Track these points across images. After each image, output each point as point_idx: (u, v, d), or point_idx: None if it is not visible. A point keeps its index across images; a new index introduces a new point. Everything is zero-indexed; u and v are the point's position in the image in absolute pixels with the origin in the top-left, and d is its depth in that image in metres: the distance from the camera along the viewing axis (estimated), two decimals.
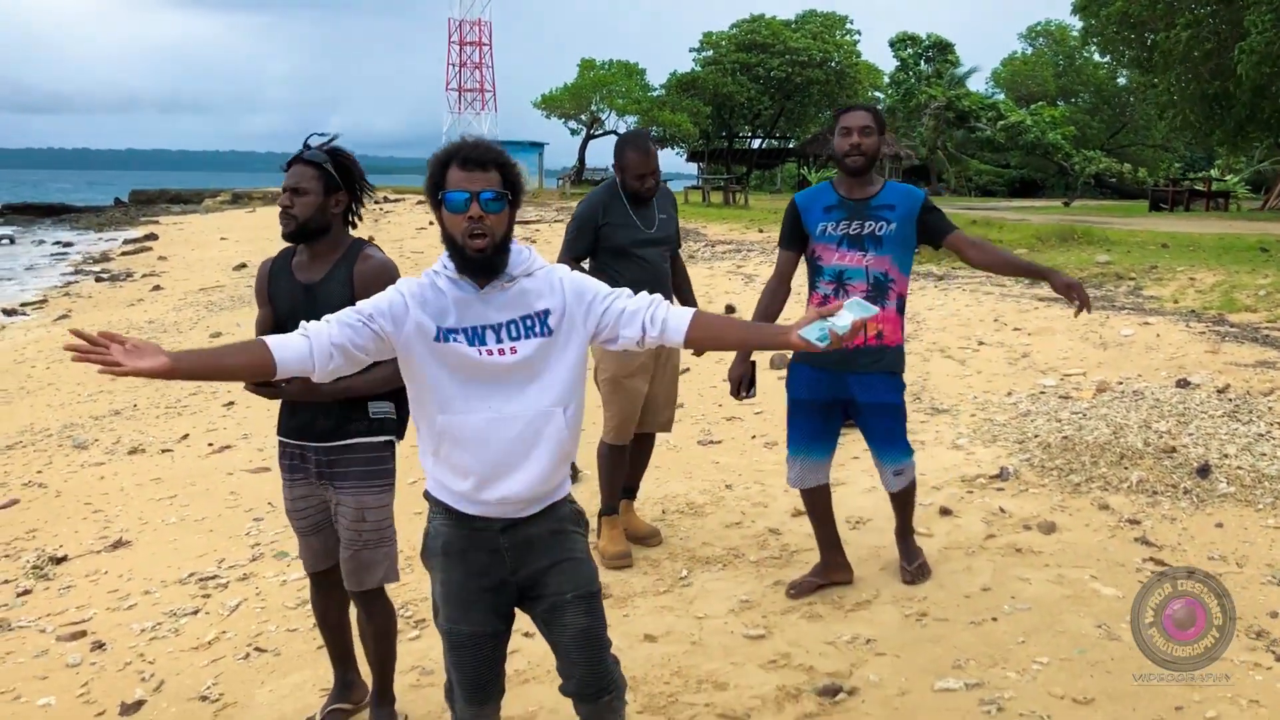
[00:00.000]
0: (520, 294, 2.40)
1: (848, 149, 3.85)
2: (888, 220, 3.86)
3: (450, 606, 2.48)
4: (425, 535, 2.55)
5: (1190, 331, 7.77)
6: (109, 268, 23.71)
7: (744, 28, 47.55)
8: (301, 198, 3.05)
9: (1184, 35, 24.03)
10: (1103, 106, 53.26)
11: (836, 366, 3.90)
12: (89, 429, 8.24)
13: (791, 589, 4.13)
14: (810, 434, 4.06)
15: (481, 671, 2.51)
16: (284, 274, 3.18)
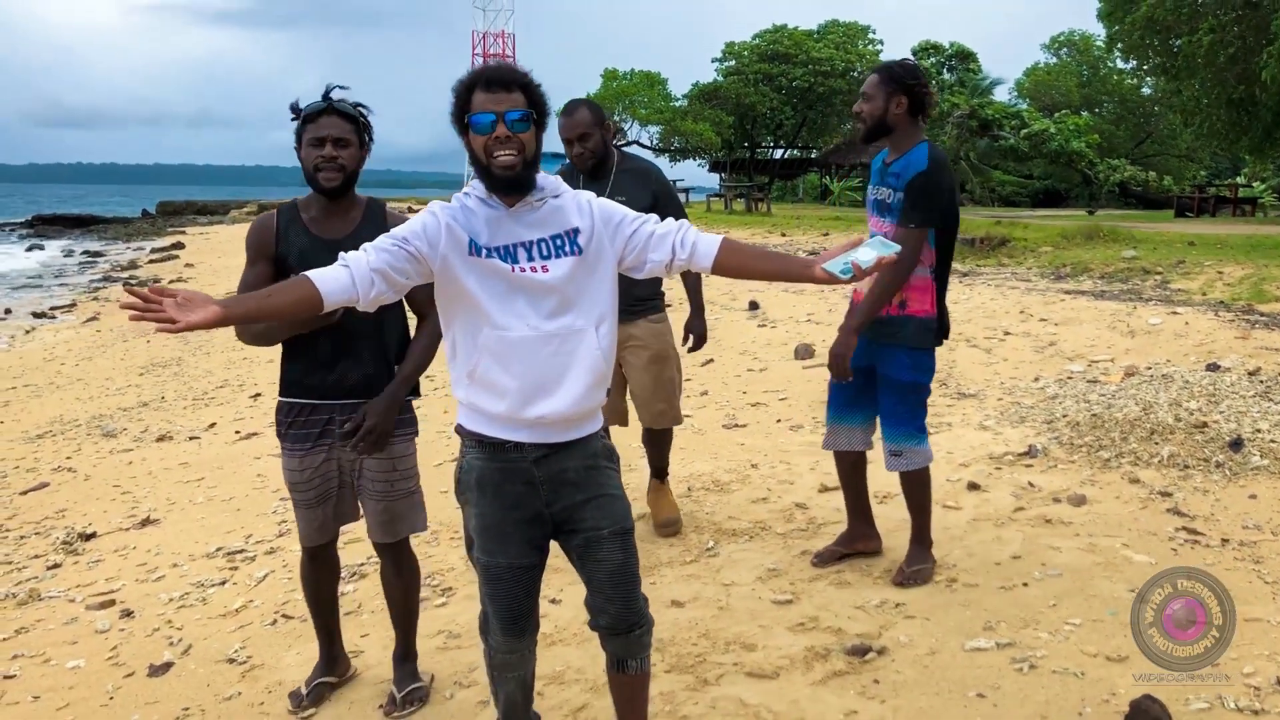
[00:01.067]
0: (551, 212, 2.42)
1: (852, 114, 3.87)
2: (893, 188, 3.73)
3: (486, 539, 2.47)
4: (458, 469, 2.54)
5: (1219, 320, 7.70)
6: (136, 274, 23.92)
7: (766, 38, 47.57)
8: (345, 149, 3.00)
9: (1207, 40, 23.83)
10: (1127, 116, 52.93)
11: (868, 333, 3.80)
12: (117, 419, 8.31)
13: (816, 558, 4.09)
14: (844, 399, 4.00)
15: (519, 603, 2.50)
16: (295, 229, 3.08)
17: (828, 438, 4.11)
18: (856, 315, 3.78)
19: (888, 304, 3.73)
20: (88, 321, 15.99)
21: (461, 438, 2.53)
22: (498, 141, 2.33)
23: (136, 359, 11.67)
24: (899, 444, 3.86)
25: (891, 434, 3.86)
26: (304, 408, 3.13)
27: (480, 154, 2.35)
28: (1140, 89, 49.85)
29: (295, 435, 3.14)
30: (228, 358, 11.06)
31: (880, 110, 3.73)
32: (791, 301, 11.13)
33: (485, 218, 2.39)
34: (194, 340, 12.50)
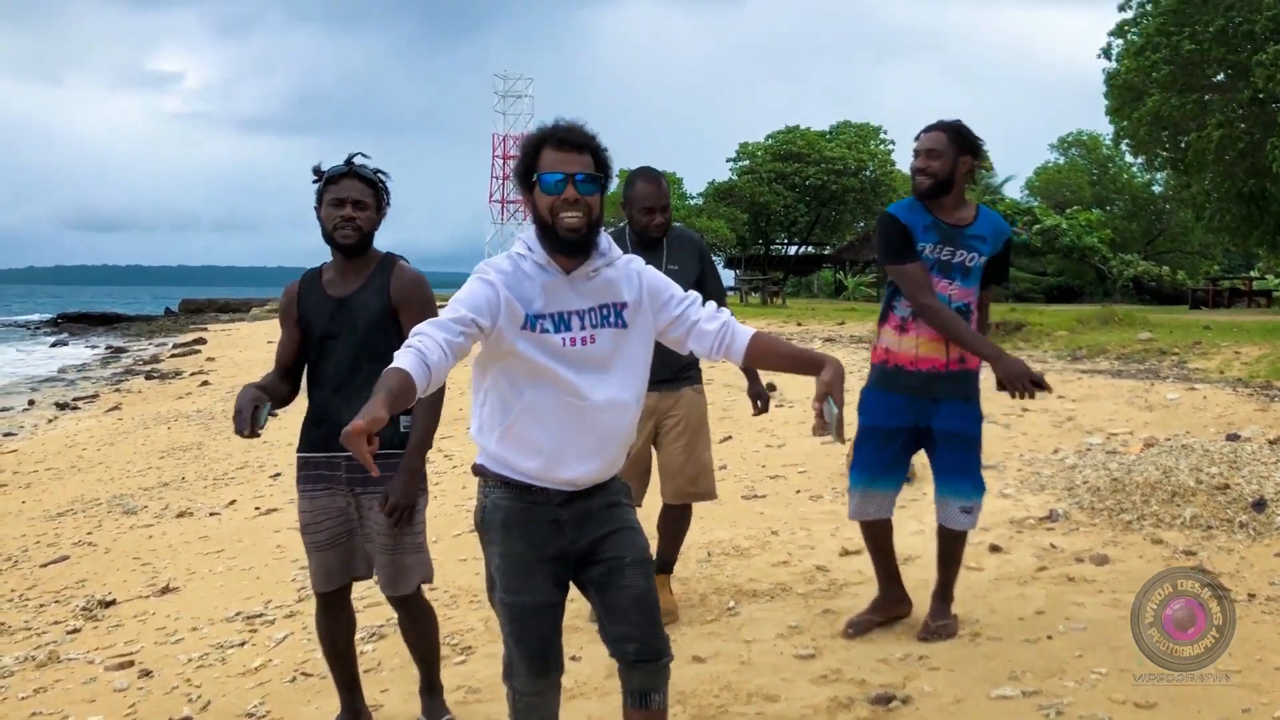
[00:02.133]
0: (604, 283, 2.44)
1: (913, 171, 3.77)
2: (980, 252, 3.73)
3: (512, 577, 2.46)
4: (480, 509, 2.53)
5: (1238, 395, 7.71)
6: (158, 368, 24.17)
7: (780, 138, 48.49)
8: (363, 211, 3.15)
9: (1216, 135, 24.20)
10: (1139, 213, 53.35)
11: (917, 392, 3.73)
12: (138, 498, 8.35)
13: (851, 628, 3.90)
14: (880, 464, 3.84)
15: (545, 642, 2.48)
16: (314, 291, 3.25)
17: (859, 506, 3.92)
18: (986, 348, 3.68)
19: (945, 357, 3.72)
20: (110, 411, 16.12)
21: (482, 477, 2.53)
22: (565, 203, 2.34)
23: (157, 444, 11.74)
24: (970, 499, 3.80)
25: (964, 490, 3.79)
26: (314, 461, 3.23)
27: (545, 214, 2.37)
28: (1151, 186, 50.37)
29: (306, 477, 3.26)
30: (247, 442, 11.11)
31: (949, 168, 3.70)
32: (807, 382, 11.13)
33: (541, 284, 2.40)
34: (214, 426, 12.61)
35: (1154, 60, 23.80)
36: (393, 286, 3.18)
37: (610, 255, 2.48)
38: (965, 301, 3.74)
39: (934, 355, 3.72)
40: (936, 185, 3.71)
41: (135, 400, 17.61)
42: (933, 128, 3.76)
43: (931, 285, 3.71)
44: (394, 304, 3.18)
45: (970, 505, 3.80)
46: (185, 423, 13.24)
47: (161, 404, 16.45)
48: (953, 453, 3.78)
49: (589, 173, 2.36)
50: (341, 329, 3.17)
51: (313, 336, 3.22)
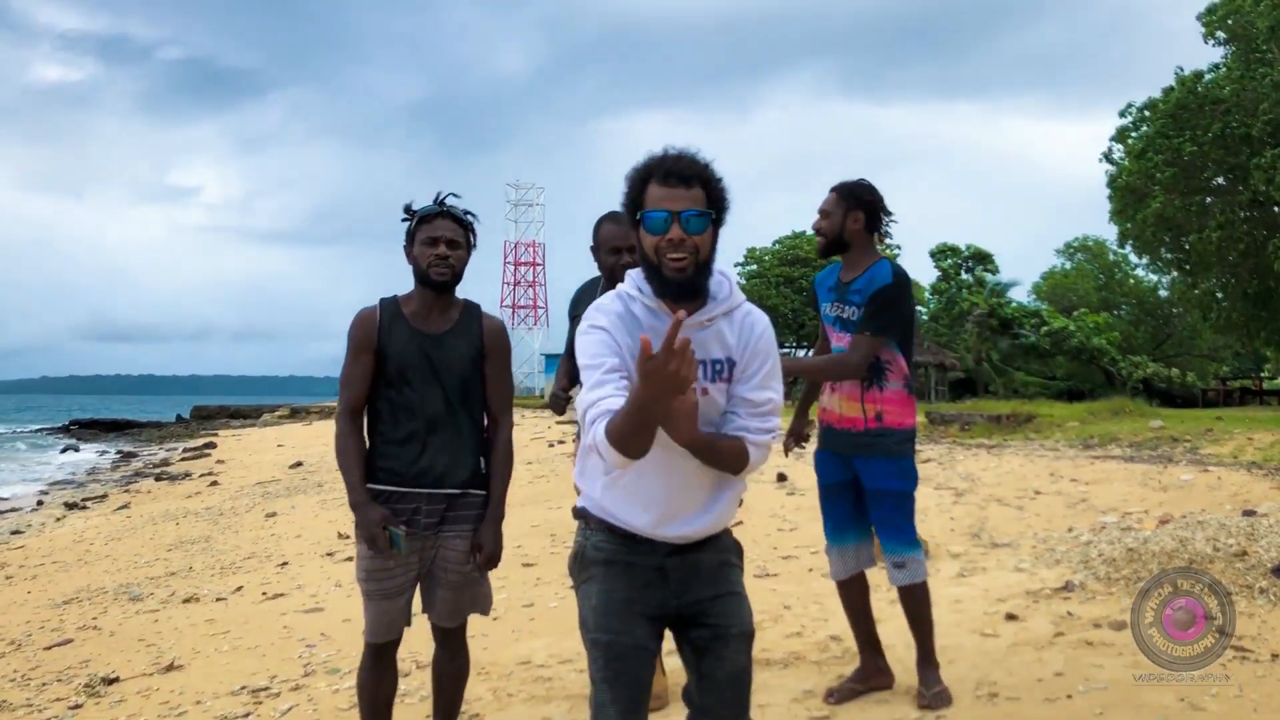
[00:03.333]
0: (716, 336, 2.27)
1: (814, 230, 3.97)
2: (857, 305, 3.82)
3: (611, 616, 2.28)
4: (579, 549, 2.38)
5: (1253, 476, 7.65)
6: (168, 470, 24.16)
7: (786, 243, 49.17)
8: (457, 250, 3.18)
9: (1216, 236, 24.48)
10: (1145, 318, 53.55)
11: (841, 449, 3.88)
12: (144, 586, 8.27)
13: (832, 695, 3.89)
14: (839, 519, 3.99)
15: (641, 687, 2.27)
16: (399, 324, 3.20)
17: (833, 565, 4.05)
18: (790, 365, 3.78)
19: (813, 380, 4.00)
20: (118, 509, 16.07)
21: (584, 520, 2.39)
22: (670, 244, 2.18)
23: (165, 538, 11.67)
24: (900, 554, 3.83)
25: (890, 545, 3.84)
26: (390, 495, 3.15)
27: (650, 254, 2.21)
28: (1157, 290, 50.66)
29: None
30: (255, 535, 11.07)
31: (838, 226, 3.86)
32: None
33: (650, 328, 2.23)
34: (222, 521, 12.56)
35: (1155, 162, 24.21)
36: (485, 334, 3.22)
37: (730, 302, 2.30)
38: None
39: (853, 415, 3.84)
40: (828, 245, 3.90)
41: (144, 499, 17.56)
42: (832, 189, 3.93)
43: (822, 345, 4.10)
44: (485, 350, 3.22)
45: (902, 560, 3.83)
46: (194, 519, 13.18)
47: (170, 503, 16.40)
48: (876, 509, 3.85)
49: (699, 209, 2.19)
50: (434, 368, 3.15)
51: (390, 369, 3.16)
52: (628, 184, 2.25)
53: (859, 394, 3.81)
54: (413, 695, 4.45)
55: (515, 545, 8.08)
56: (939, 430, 15.13)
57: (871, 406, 3.79)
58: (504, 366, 3.29)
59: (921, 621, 3.87)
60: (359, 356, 3.21)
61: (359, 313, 3.28)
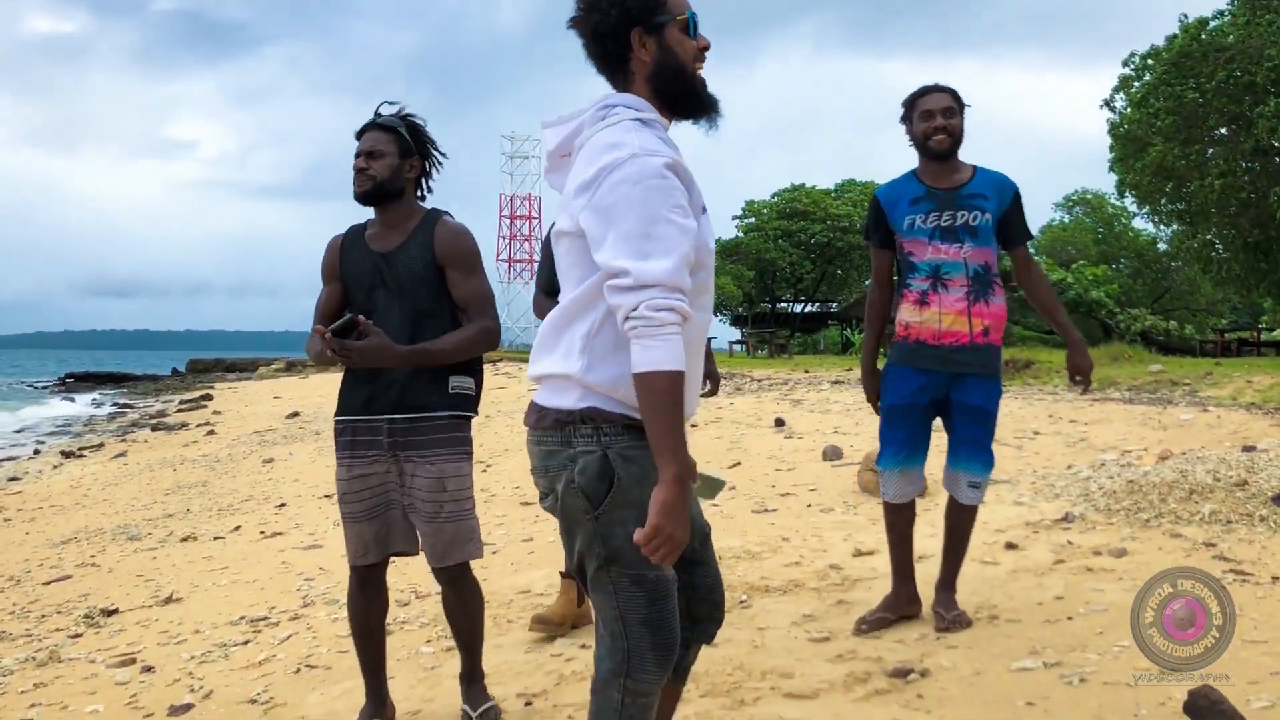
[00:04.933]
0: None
1: (930, 131, 3.61)
2: (982, 210, 3.60)
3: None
4: (601, 462, 1.95)
5: (1252, 415, 7.64)
6: (165, 421, 24.15)
7: (785, 196, 48.87)
8: (377, 160, 3.06)
9: (1218, 184, 24.31)
10: (1144, 270, 53.42)
11: (942, 367, 3.63)
12: (142, 527, 8.28)
13: (863, 624, 3.75)
14: (910, 443, 3.75)
15: (678, 622, 2.04)
16: (356, 246, 3.15)
17: (895, 486, 3.79)
18: (1074, 338, 3.84)
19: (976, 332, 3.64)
20: (116, 457, 16.08)
21: (592, 423, 1.97)
22: (702, 54, 2.03)
23: (162, 483, 11.68)
24: (981, 475, 3.71)
25: (975, 465, 3.70)
26: (352, 425, 3.12)
27: (687, 60, 2.00)
28: (1156, 244, 50.49)
29: (346, 444, 3.13)
30: (252, 479, 11.07)
31: (962, 127, 3.66)
32: (816, 419, 11.12)
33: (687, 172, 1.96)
34: (219, 467, 12.57)
35: (1157, 109, 24.01)
36: (436, 242, 3.07)
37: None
38: (982, 262, 3.62)
39: (958, 329, 3.62)
40: (956, 144, 3.64)
41: (141, 448, 17.55)
42: (933, 89, 3.70)
43: (881, 277, 3.85)
44: (438, 260, 3.06)
45: (978, 480, 3.72)
46: (191, 465, 13.19)
47: (168, 451, 16.40)
48: (968, 426, 3.68)
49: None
50: (386, 286, 3.07)
51: (356, 293, 3.11)
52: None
53: (965, 307, 3.60)
54: (412, 623, 4.45)
55: (515, 486, 8.08)
56: None
57: (980, 321, 3.61)
58: (470, 268, 3.10)
59: (963, 543, 3.81)
60: (326, 284, 3.21)
61: (330, 241, 3.26)
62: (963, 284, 3.60)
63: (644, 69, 1.99)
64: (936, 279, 3.63)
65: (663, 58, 1.96)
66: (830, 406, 12.20)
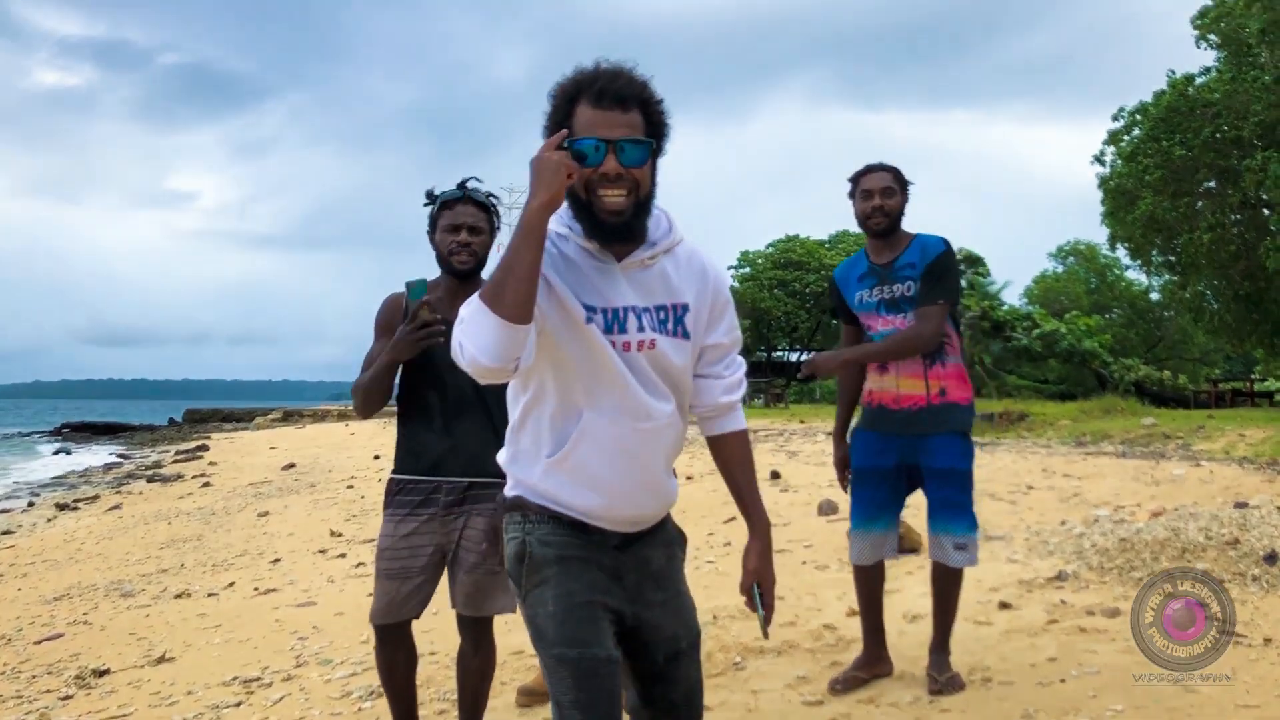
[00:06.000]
0: (661, 277, 2.01)
1: (869, 212, 3.77)
2: (912, 279, 3.72)
3: (575, 626, 1.92)
4: (520, 546, 2.01)
5: (1244, 470, 7.66)
6: (160, 472, 24.07)
7: (780, 246, 49.16)
8: (479, 236, 3.15)
9: (1207, 237, 24.50)
10: (1137, 320, 53.62)
11: (901, 429, 3.73)
12: (136, 583, 8.24)
13: (837, 684, 3.80)
14: (877, 503, 3.83)
15: (615, 706, 1.93)
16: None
17: (860, 548, 3.87)
18: (853, 353, 3.80)
19: (884, 362, 3.76)
20: (110, 510, 16.01)
21: (519, 510, 2.04)
22: (605, 179, 1.88)
23: (157, 537, 11.63)
24: (964, 536, 3.71)
25: (956, 526, 3.71)
26: (412, 484, 3.14)
27: (580, 190, 1.90)
28: (1148, 294, 50.72)
29: (400, 501, 3.15)
30: (247, 533, 11.04)
31: (901, 206, 3.80)
32: (812, 472, 11.13)
33: (590, 270, 1.95)
34: (214, 521, 12.53)
35: (1145, 165, 24.28)
36: None
37: (671, 239, 2.03)
38: None
39: (915, 392, 3.74)
40: (894, 223, 3.79)
41: (136, 500, 17.49)
42: (875, 169, 3.83)
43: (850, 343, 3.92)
44: None
45: (964, 541, 3.71)
46: (186, 518, 13.15)
47: (162, 503, 16.34)
48: (940, 488, 3.73)
49: (635, 138, 1.88)
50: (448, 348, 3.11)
51: (415, 359, 3.12)
52: (552, 104, 1.92)
53: (921, 370, 3.71)
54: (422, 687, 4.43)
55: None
56: None
57: (935, 382, 3.70)
58: None
59: (952, 605, 3.83)
60: (380, 338, 3.21)
61: (387, 297, 3.27)
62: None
63: None
64: None
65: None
66: (825, 459, 12.21)
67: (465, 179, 3.21)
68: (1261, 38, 21.68)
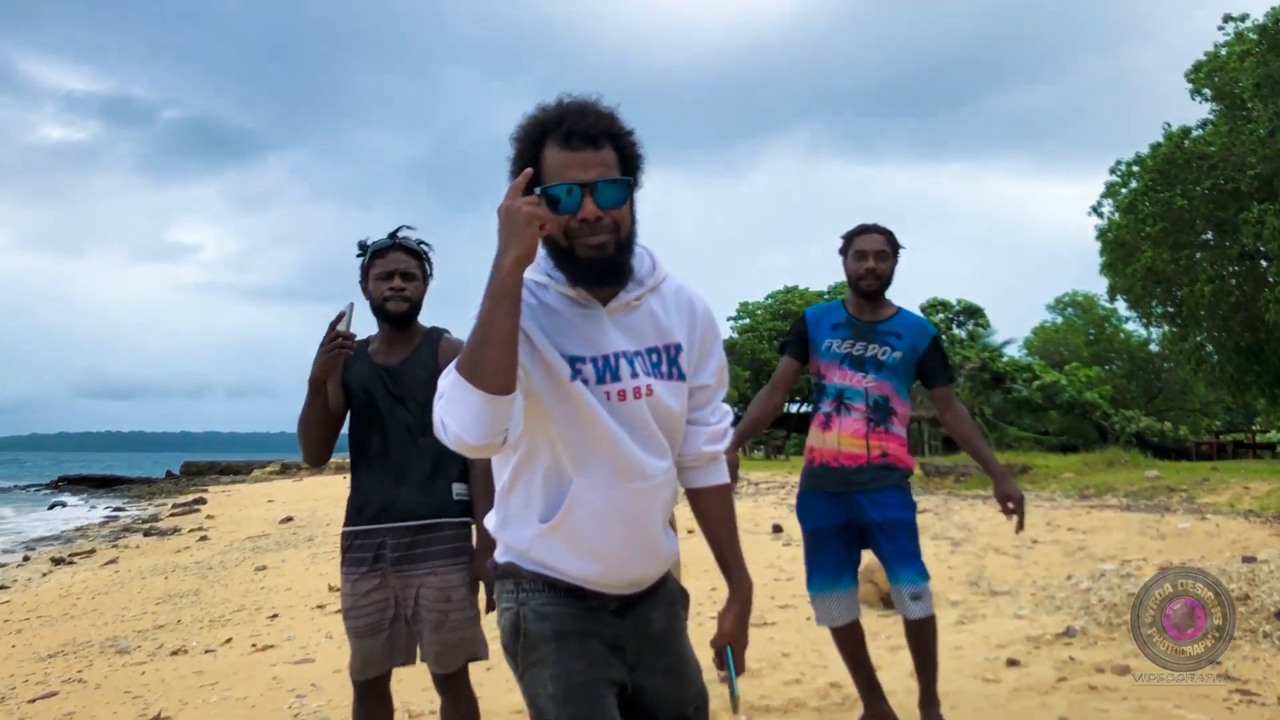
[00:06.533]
0: (649, 318, 1.90)
1: (862, 273, 3.80)
2: (892, 346, 3.77)
3: (577, 704, 1.82)
4: (513, 619, 1.91)
5: (1251, 523, 7.61)
6: (157, 526, 23.92)
7: (779, 298, 49.28)
8: (412, 282, 3.19)
9: (1207, 289, 24.58)
10: (1137, 372, 53.60)
11: (844, 488, 3.75)
12: (131, 639, 8.15)
13: None
14: (834, 565, 3.82)
15: None
16: (360, 360, 3.23)
17: (823, 610, 3.89)
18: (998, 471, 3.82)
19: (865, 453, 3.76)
20: (106, 564, 15.89)
21: (511, 578, 1.93)
22: (584, 225, 1.75)
23: (153, 592, 11.52)
24: (916, 585, 3.71)
25: (907, 577, 3.70)
26: (360, 535, 3.14)
27: (559, 236, 1.78)
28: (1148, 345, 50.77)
29: (351, 559, 3.15)
30: (244, 588, 10.94)
31: (893, 269, 3.86)
32: None
33: (575, 319, 1.84)
34: (211, 575, 12.42)
35: (1144, 216, 24.42)
36: (441, 358, 3.16)
37: (657, 277, 1.92)
38: (883, 395, 3.78)
39: (855, 451, 3.76)
40: (884, 286, 3.85)
41: (132, 554, 17.36)
42: (870, 230, 3.87)
43: (780, 382, 3.99)
44: (440, 371, 3.14)
45: (918, 591, 3.71)
46: (183, 573, 13.03)
47: (159, 557, 16.21)
48: (887, 540, 3.74)
49: (611, 177, 1.75)
50: (390, 400, 3.14)
51: (357, 404, 3.18)
52: (515, 147, 1.80)
53: (864, 431, 3.75)
54: None
55: None
56: (934, 482, 15.07)
57: (876, 444, 3.74)
58: None
59: (930, 657, 3.79)
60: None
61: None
62: (862, 410, 3.76)
63: None
64: (840, 403, 3.80)
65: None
66: None
67: (397, 228, 3.25)
68: (1255, 92, 21.90)
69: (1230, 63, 23.00)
